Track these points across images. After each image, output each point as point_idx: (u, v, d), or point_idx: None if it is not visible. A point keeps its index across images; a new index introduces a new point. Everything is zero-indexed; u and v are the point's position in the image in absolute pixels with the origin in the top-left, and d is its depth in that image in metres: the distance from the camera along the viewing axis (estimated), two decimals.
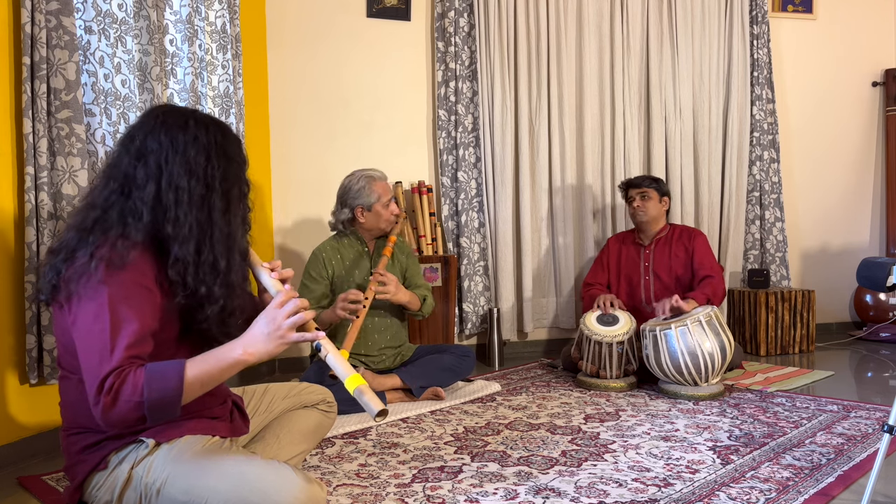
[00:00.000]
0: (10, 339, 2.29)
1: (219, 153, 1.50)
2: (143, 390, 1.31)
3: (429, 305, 3.20)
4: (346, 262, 3.10)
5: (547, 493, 2.01)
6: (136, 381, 1.31)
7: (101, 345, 1.33)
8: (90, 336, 1.35)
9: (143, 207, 1.43)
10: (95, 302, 1.35)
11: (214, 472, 1.42)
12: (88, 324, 1.35)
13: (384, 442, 2.50)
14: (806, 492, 2.00)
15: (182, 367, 1.36)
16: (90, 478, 1.49)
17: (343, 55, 3.92)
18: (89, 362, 1.34)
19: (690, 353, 3.00)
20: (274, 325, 1.40)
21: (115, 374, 1.32)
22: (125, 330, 1.35)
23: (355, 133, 3.94)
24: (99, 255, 1.37)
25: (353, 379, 1.40)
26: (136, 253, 1.41)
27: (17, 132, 2.32)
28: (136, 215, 1.43)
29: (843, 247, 4.79)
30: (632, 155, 4.23)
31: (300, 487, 1.40)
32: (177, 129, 1.47)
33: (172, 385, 1.34)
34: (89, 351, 1.34)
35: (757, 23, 4.41)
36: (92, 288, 1.36)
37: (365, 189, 3.04)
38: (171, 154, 1.46)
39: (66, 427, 1.53)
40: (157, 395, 1.32)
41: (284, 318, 1.40)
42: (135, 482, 1.45)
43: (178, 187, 1.45)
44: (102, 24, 2.55)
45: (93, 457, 1.48)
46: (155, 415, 1.34)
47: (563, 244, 4.14)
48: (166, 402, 1.34)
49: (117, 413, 1.31)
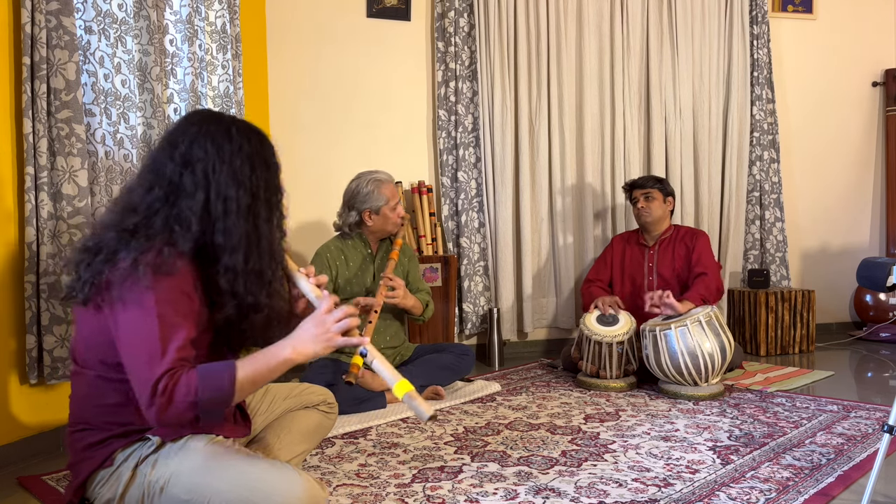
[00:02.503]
0: (10, 339, 2.29)
1: (260, 162, 1.53)
2: (198, 390, 1.35)
3: (430, 310, 3.21)
4: (350, 264, 3.10)
5: (547, 493, 2.01)
6: (190, 381, 1.35)
7: (150, 348, 1.35)
8: (138, 340, 1.36)
9: (191, 217, 1.45)
10: (143, 307, 1.37)
11: (218, 471, 1.43)
12: (136, 328, 1.37)
13: (384, 442, 2.50)
14: (806, 492, 2.00)
15: (234, 366, 1.40)
16: (94, 474, 1.50)
17: (343, 55, 3.92)
18: (138, 366, 1.36)
19: (690, 354, 3.00)
20: (322, 328, 1.46)
21: (167, 375, 1.34)
22: (175, 334, 1.37)
23: (355, 133, 3.94)
24: (145, 261, 1.38)
25: (401, 385, 1.45)
26: (182, 262, 1.43)
27: (17, 132, 2.32)
28: (185, 224, 1.45)
29: (843, 247, 4.79)
30: (632, 155, 4.23)
31: (302, 488, 1.41)
32: (222, 138, 1.49)
33: (226, 384, 1.38)
34: (138, 356, 1.36)
35: (757, 23, 4.41)
36: (139, 293, 1.37)
37: (374, 193, 3.04)
38: (219, 163, 1.47)
39: (73, 423, 1.54)
40: (210, 395, 1.36)
41: (334, 323, 1.47)
42: (138, 479, 1.45)
43: (226, 197, 1.47)
44: (102, 24, 2.55)
45: (98, 454, 1.49)
46: (208, 414, 1.38)
47: (563, 244, 4.14)
48: (220, 400, 1.38)
49: (173, 413, 1.34)
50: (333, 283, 3.08)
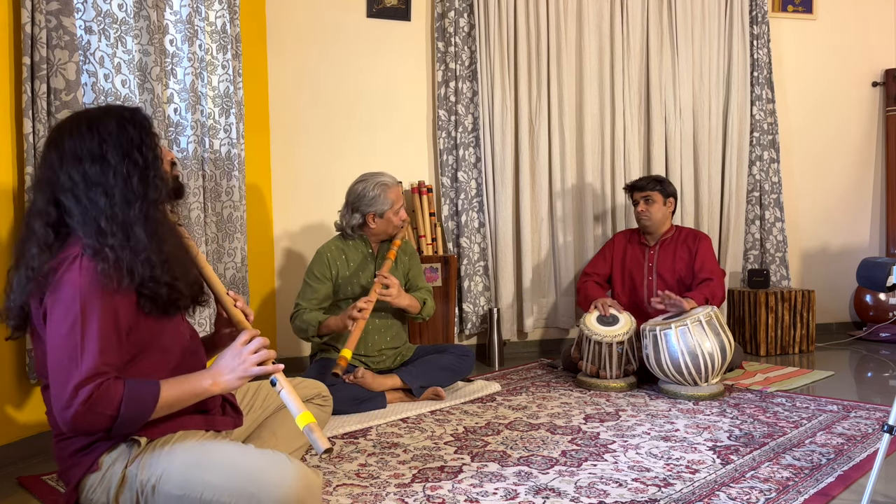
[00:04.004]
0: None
1: (89, 130, 1.53)
2: (121, 405, 1.37)
3: (429, 308, 3.19)
4: (350, 264, 3.10)
5: (547, 493, 2.01)
6: (115, 394, 1.37)
7: (71, 352, 1.36)
8: (60, 344, 1.38)
9: (87, 219, 1.50)
10: (66, 313, 1.39)
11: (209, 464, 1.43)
12: (58, 333, 1.38)
13: (384, 442, 2.50)
14: (806, 492, 2.00)
15: (158, 390, 1.43)
16: (84, 481, 1.49)
17: (343, 55, 3.91)
18: (59, 369, 1.36)
19: (690, 353, 3.00)
20: (239, 360, 1.53)
21: (92, 382, 1.35)
22: (97, 339, 1.39)
23: (355, 133, 3.94)
24: (66, 271, 1.43)
25: (304, 416, 1.49)
26: (94, 264, 1.45)
27: (17, 132, 2.32)
28: (86, 228, 1.50)
29: (843, 247, 4.78)
30: (632, 155, 4.23)
31: (294, 475, 1.40)
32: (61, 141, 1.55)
33: (148, 407, 1.41)
34: (59, 359, 1.37)
35: (757, 23, 4.41)
36: (62, 299, 1.41)
37: (380, 197, 3.03)
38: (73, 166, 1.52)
39: (56, 434, 1.54)
40: (131, 413, 1.39)
41: (250, 354, 1.53)
42: (129, 481, 1.45)
43: (65, 187, 1.52)
44: (102, 24, 2.55)
45: (85, 460, 1.48)
46: (121, 430, 1.41)
47: (563, 244, 4.14)
48: (136, 420, 1.41)
49: (87, 422, 1.36)
50: (334, 282, 3.08)
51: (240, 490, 1.39)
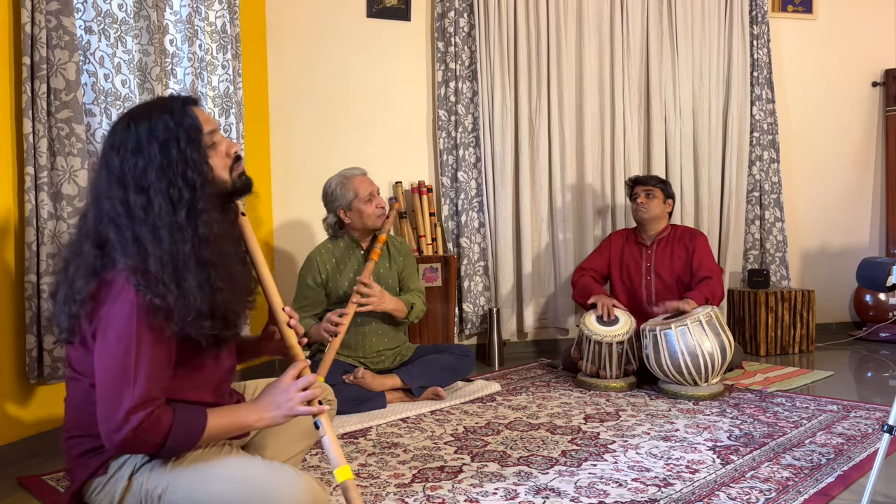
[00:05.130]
0: (10, 339, 2.29)
1: (102, 157, 1.45)
2: (168, 434, 1.37)
3: (416, 312, 3.12)
4: (339, 265, 3.09)
5: (547, 493, 2.01)
6: (164, 423, 1.37)
7: (125, 374, 1.34)
8: (113, 365, 1.35)
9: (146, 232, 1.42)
10: (119, 332, 1.36)
11: (216, 476, 1.43)
12: (112, 352, 1.36)
13: (384, 442, 2.50)
14: (806, 492, 2.00)
15: (205, 422, 1.42)
16: (89, 482, 1.48)
17: (343, 55, 3.91)
18: (109, 391, 1.35)
19: (690, 353, 3.00)
20: (286, 397, 1.51)
21: (143, 410, 1.34)
22: (149, 363, 1.36)
23: (355, 133, 3.94)
24: (123, 287, 1.37)
25: (343, 470, 1.49)
26: (150, 286, 1.38)
27: (17, 132, 2.32)
28: (141, 244, 1.43)
29: (843, 247, 4.78)
30: (632, 155, 4.23)
31: (303, 489, 1.40)
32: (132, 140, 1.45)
33: (194, 437, 1.42)
34: (110, 381, 1.35)
35: (757, 23, 4.41)
36: (116, 318, 1.36)
37: (339, 190, 3.04)
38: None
39: (67, 428, 1.53)
40: (177, 442, 1.39)
41: (297, 392, 1.51)
42: (135, 489, 1.44)
43: (106, 212, 1.43)
44: (102, 24, 2.55)
45: (92, 462, 1.47)
46: (164, 456, 1.42)
47: (563, 244, 4.14)
48: (184, 448, 1.42)
49: (134, 447, 1.37)
50: (325, 285, 3.07)
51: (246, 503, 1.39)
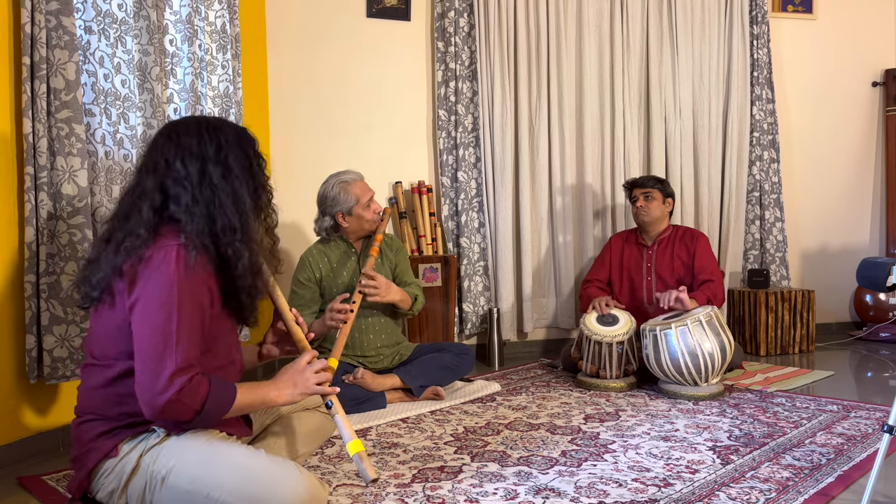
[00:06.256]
0: (10, 339, 2.29)
1: (210, 133, 1.60)
2: (206, 400, 1.44)
3: (419, 303, 3.16)
4: (333, 265, 3.08)
5: (547, 493, 2.01)
6: (202, 389, 1.44)
7: (166, 340, 1.41)
8: (154, 332, 1.42)
9: (197, 208, 1.57)
10: (162, 300, 1.44)
11: (220, 464, 1.46)
12: (153, 320, 1.43)
13: (384, 442, 2.50)
14: (806, 492, 2.00)
15: (235, 394, 1.52)
16: (99, 465, 1.52)
17: (343, 55, 3.92)
18: (151, 355, 1.41)
19: (690, 353, 3.00)
20: (303, 377, 1.64)
21: (185, 375, 1.41)
22: (190, 332, 1.45)
23: (355, 133, 3.94)
24: (167, 256, 1.48)
25: (354, 444, 1.59)
26: (201, 256, 1.52)
27: (17, 132, 2.32)
28: (193, 216, 1.56)
29: (843, 247, 4.79)
30: (632, 155, 4.23)
31: (303, 484, 1.43)
32: (209, 138, 1.61)
33: (226, 407, 1.49)
34: (153, 346, 1.41)
35: (757, 23, 4.41)
36: (160, 285, 1.45)
37: (341, 194, 3.02)
38: (174, 154, 1.58)
39: (80, 412, 1.57)
40: (213, 409, 1.46)
41: (312, 374, 1.65)
42: (142, 470, 1.48)
43: (177, 177, 1.56)
44: (102, 24, 2.55)
45: (105, 444, 1.51)
46: (199, 424, 1.48)
47: (562, 244, 4.14)
48: (216, 417, 1.48)
49: (175, 411, 1.41)
50: (319, 286, 3.07)
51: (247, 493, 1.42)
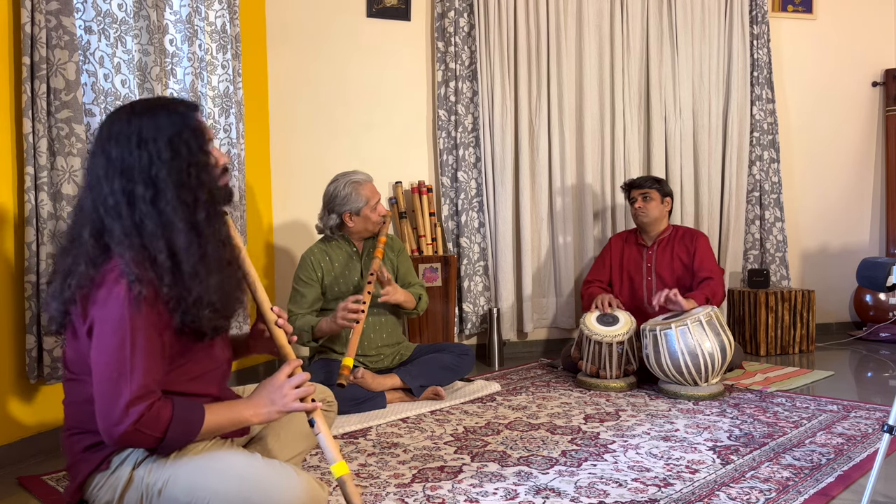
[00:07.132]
0: (10, 339, 2.29)
1: (140, 137, 1.43)
2: (168, 428, 1.38)
3: (423, 303, 3.20)
4: (335, 265, 3.09)
5: (547, 493, 2.01)
6: (162, 417, 1.38)
7: (121, 367, 1.35)
8: (109, 359, 1.36)
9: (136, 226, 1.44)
10: (114, 327, 1.37)
11: (216, 472, 1.44)
12: (108, 347, 1.36)
13: (384, 442, 2.50)
14: (806, 492, 2.00)
15: (203, 416, 1.44)
16: (91, 477, 1.49)
17: (343, 55, 3.92)
18: (107, 384, 1.35)
19: (690, 353, 3.00)
20: (280, 394, 1.53)
21: (142, 403, 1.35)
22: (145, 358, 1.37)
23: (355, 133, 3.94)
24: (116, 283, 1.38)
25: (338, 466, 1.53)
26: (147, 279, 1.40)
27: (17, 132, 2.32)
28: (135, 236, 1.44)
29: (843, 247, 4.78)
30: (632, 155, 4.23)
31: (302, 488, 1.41)
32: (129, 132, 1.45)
33: (192, 432, 1.43)
34: (108, 374, 1.36)
35: (757, 23, 4.41)
36: (110, 313, 1.37)
37: (352, 195, 3.03)
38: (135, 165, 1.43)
39: (69, 427, 1.54)
40: (176, 436, 1.40)
41: (291, 389, 1.54)
42: (136, 483, 1.45)
43: (106, 205, 1.42)
44: (102, 24, 2.55)
45: (95, 457, 1.48)
46: (163, 451, 1.43)
47: (562, 244, 4.14)
48: (182, 442, 1.43)
49: (134, 441, 1.37)
50: (321, 284, 3.07)
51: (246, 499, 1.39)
